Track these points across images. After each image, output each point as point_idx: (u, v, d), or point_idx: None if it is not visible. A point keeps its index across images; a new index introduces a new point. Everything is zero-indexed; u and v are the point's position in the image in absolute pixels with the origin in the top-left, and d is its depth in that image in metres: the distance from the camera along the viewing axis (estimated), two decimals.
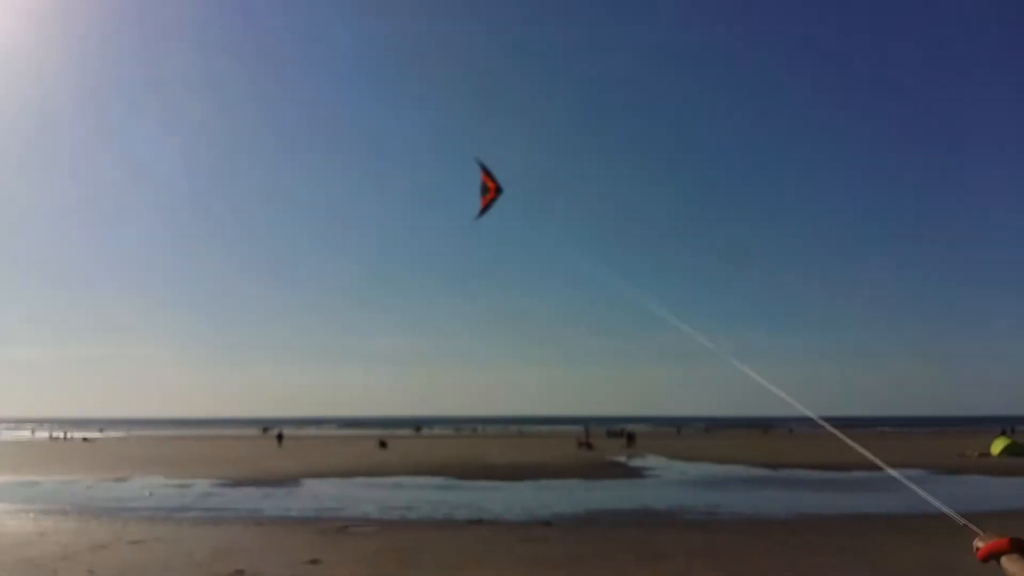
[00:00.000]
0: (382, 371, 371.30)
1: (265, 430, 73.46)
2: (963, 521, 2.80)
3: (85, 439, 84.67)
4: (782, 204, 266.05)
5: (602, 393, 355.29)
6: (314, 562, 13.08)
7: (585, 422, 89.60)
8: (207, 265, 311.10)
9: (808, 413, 4.27)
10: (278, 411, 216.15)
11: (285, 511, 21.49)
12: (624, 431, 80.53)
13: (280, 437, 69.52)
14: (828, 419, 4.16)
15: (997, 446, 45.54)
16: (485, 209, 8.21)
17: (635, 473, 35.94)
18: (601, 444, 64.27)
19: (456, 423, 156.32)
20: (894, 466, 3.47)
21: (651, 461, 44.45)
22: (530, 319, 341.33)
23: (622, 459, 45.88)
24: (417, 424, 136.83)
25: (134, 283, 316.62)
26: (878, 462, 3.57)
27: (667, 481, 31.82)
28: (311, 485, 29.61)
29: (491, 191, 8.10)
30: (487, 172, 8.15)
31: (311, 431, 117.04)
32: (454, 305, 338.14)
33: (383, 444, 60.35)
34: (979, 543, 2.56)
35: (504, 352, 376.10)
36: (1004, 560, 2.47)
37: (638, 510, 21.38)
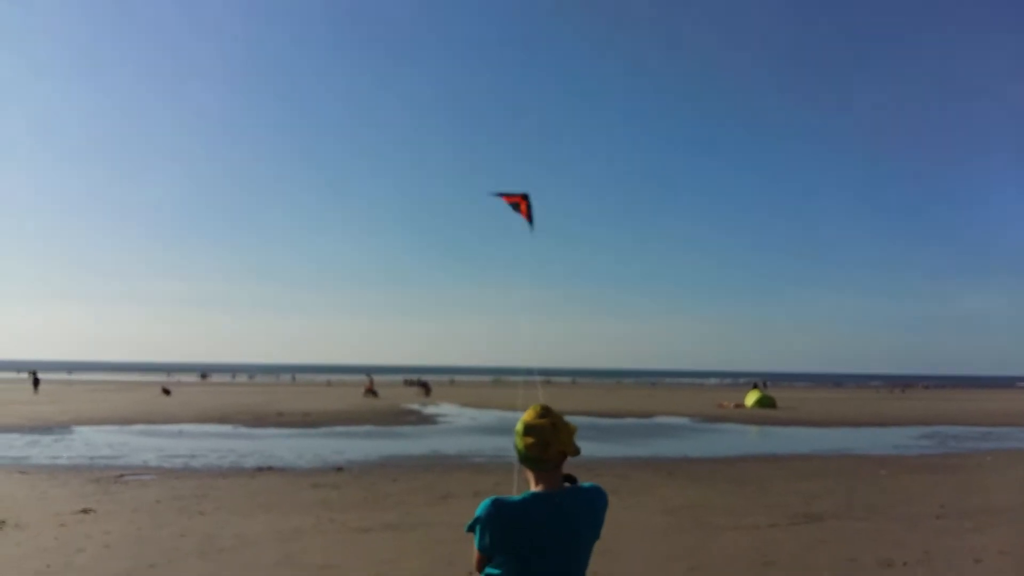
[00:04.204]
0: (165, 315, 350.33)
1: (33, 374, 65.75)
2: None
3: None
4: None
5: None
6: (85, 511, 12.34)
7: (368, 371, 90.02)
8: None
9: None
10: (40, 354, 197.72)
11: (53, 459, 19.90)
12: (419, 380, 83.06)
13: (36, 382, 60.07)
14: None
15: (750, 398, 51.08)
16: (528, 215, 8.24)
17: (428, 420, 36.73)
18: (395, 392, 64.98)
19: (249, 371, 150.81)
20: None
21: (444, 409, 45.59)
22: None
23: (416, 407, 46.69)
24: (203, 371, 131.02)
25: None
26: None
27: (458, 428, 32.83)
28: (83, 433, 27.54)
29: (522, 205, 8.12)
30: (507, 195, 8.17)
31: (80, 376, 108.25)
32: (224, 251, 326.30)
33: (166, 391, 57.29)
34: None
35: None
36: None
37: (429, 455, 21.97)
